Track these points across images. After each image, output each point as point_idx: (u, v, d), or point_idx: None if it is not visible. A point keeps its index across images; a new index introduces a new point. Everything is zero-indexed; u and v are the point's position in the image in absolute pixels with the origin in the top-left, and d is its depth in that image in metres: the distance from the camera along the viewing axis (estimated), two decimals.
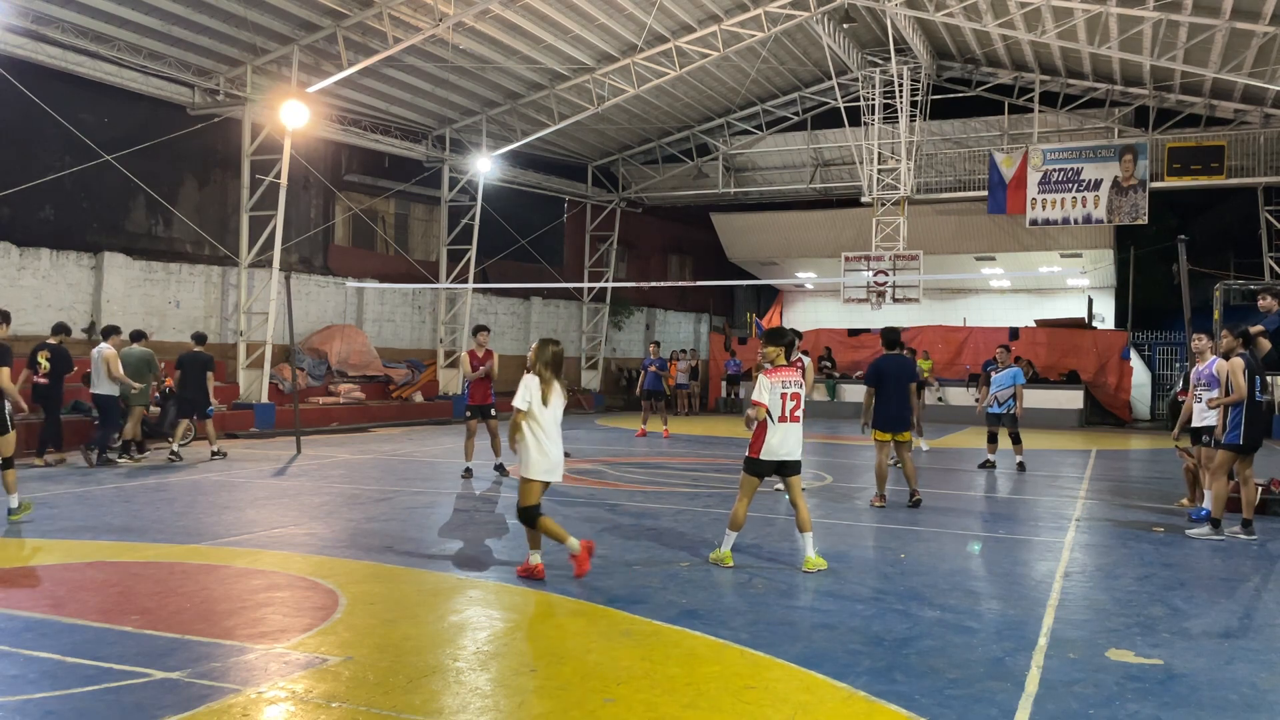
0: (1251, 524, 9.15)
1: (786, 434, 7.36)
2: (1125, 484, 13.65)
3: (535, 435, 6.97)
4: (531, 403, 6.91)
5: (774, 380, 7.36)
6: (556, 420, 7.09)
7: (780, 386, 7.34)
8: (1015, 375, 14.34)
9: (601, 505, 10.47)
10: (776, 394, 7.30)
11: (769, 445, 7.30)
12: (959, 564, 7.83)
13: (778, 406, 7.29)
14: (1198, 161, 24.02)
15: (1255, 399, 9.16)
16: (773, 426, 7.31)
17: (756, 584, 6.95)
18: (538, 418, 6.96)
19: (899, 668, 5.09)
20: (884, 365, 10.52)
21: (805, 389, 7.80)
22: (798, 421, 7.42)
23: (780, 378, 7.39)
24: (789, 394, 7.33)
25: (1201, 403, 9.73)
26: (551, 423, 7.03)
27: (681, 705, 4.52)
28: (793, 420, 7.38)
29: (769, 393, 7.30)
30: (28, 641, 5.33)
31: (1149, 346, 28.57)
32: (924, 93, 25.85)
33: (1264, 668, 5.24)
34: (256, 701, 4.51)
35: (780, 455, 7.35)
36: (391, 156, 24.15)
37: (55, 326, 13.84)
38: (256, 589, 6.61)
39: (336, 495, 10.97)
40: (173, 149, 18.93)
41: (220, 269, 20.54)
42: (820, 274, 32.61)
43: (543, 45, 20.96)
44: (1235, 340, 9.37)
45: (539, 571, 6.98)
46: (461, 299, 25.99)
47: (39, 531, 8.39)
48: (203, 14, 17.04)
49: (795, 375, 7.53)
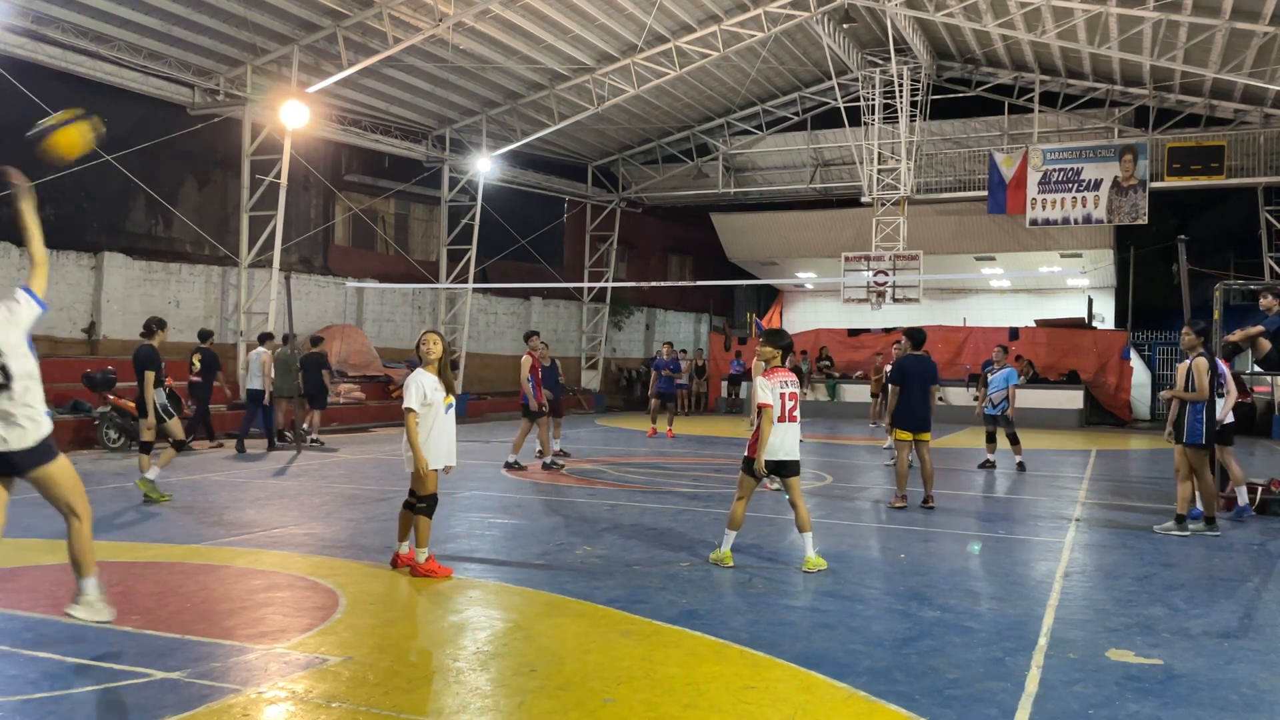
0: (1215, 521, 9.41)
1: (785, 434, 7.40)
2: (1125, 484, 13.66)
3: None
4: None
5: (774, 381, 7.40)
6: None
7: (779, 387, 7.39)
8: (1009, 376, 14.40)
9: (602, 505, 10.47)
10: (776, 394, 7.34)
11: (770, 445, 7.34)
12: (959, 564, 7.83)
13: (777, 406, 7.34)
14: (1198, 161, 24.02)
15: (1214, 398, 9.38)
16: (775, 426, 7.34)
17: (756, 584, 6.94)
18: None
19: (899, 668, 5.08)
20: (908, 364, 10.56)
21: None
22: (795, 421, 7.48)
23: (779, 378, 7.44)
24: (787, 394, 7.39)
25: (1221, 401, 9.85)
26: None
27: (681, 705, 4.52)
28: (790, 420, 7.43)
29: (771, 393, 7.33)
30: (28, 641, 5.33)
31: (1149, 346, 28.56)
32: (924, 93, 25.86)
33: (1264, 668, 5.24)
34: (256, 701, 4.51)
35: (780, 455, 7.39)
36: (391, 156, 24.16)
37: (202, 333, 15.85)
38: (256, 589, 6.61)
39: (336, 495, 10.97)
40: (173, 149, 18.94)
41: (220, 269, 20.55)
42: (820, 274, 32.61)
43: (543, 45, 20.96)
44: (1196, 339, 9.47)
45: (407, 560, 7.13)
46: (461, 299, 26.00)
47: (39, 532, 8.39)
48: (203, 14, 17.05)
49: (792, 376, 7.60)
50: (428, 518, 7.06)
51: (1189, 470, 9.29)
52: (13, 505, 5.29)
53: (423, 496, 7.03)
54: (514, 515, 9.40)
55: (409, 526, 7.12)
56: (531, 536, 8.55)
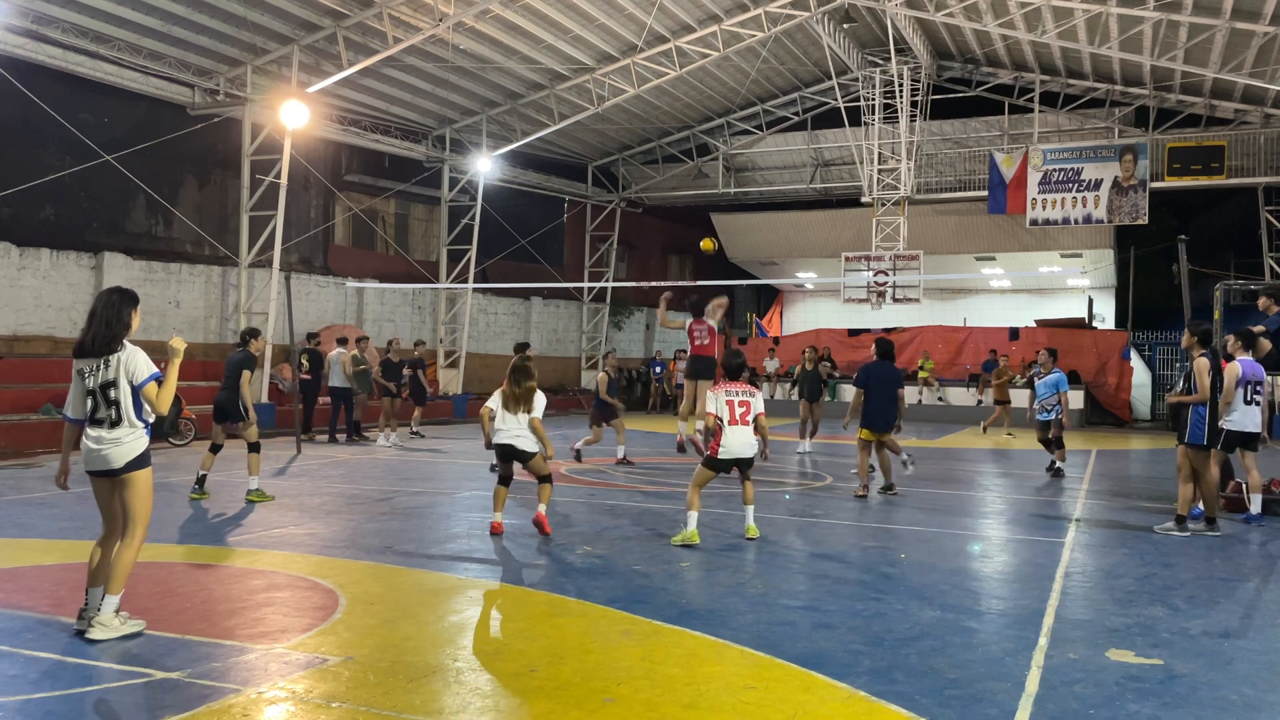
0: (1216, 521, 9.38)
1: (739, 436, 8.55)
2: (1125, 484, 13.65)
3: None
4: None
5: (718, 392, 8.63)
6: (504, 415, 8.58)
7: (725, 395, 8.59)
8: (1059, 382, 13.87)
9: (602, 505, 10.48)
10: (723, 402, 8.55)
11: (726, 445, 8.51)
12: (959, 564, 7.83)
13: (726, 412, 8.51)
14: (1198, 161, 24.03)
15: (1216, 399, 9.34)
16: (726, 430, 8.49)
17: (756, 584, 6.95)
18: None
19: (899, 668, 5.08)
20: (871, 370, 11.50)
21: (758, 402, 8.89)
22: (747, 425, 8.60)
23: (723, 389, 8.66)
24: (735, 402, 8.57)
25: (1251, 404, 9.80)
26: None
27: (681, 705, 4.51)
28: (742, 424, 8.57)
29: (715, 403, 8.58)
30: (28, 641, 5.33)
31: (1149, 346, 28.57)
32: (924, 93, 25.86)
33: (1264, 668, 5.24)
34: (256, 701, 4.51)
35: (735, 454, 8.55)
36: (391, 156, 24.16)
37: (308, 335, 18.28)
38: (256, 589, 6.61)
39: (336, 495, 10.97)
40: (173, 149, 18.94)
41: (220, 269, 20.55)
42: (820, 274, 32.63)
43: (543, 45, 20.97)
44: (1193, 339, 9.47)
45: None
46: (461, 299, 25.99)
47: (40, 531, 8.39)
48: (203, 14, 17.05)
49: (744, 387, 8.74)
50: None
51: (1190, 470, 9.28)
52: (13, 505, 5.28)
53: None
54: (514, 515, 9.39)
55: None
56: (532, 536, 8.55)
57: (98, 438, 5.46)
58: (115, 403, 5.47)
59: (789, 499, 11.36)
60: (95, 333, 5.51)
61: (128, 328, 5.60)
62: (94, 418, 5.48)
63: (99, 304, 5.60)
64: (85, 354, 5.51)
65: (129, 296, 5.70)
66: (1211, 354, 9.43)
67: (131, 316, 5.63)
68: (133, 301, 5.69)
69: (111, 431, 5.47)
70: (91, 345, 5.49)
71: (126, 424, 5.49)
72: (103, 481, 5.55)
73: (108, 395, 5.46)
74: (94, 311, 5.58)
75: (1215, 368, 9.37)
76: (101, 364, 5.47)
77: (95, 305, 5.61)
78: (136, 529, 5.54)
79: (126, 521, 5.54)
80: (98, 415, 5.48)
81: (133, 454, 5.49)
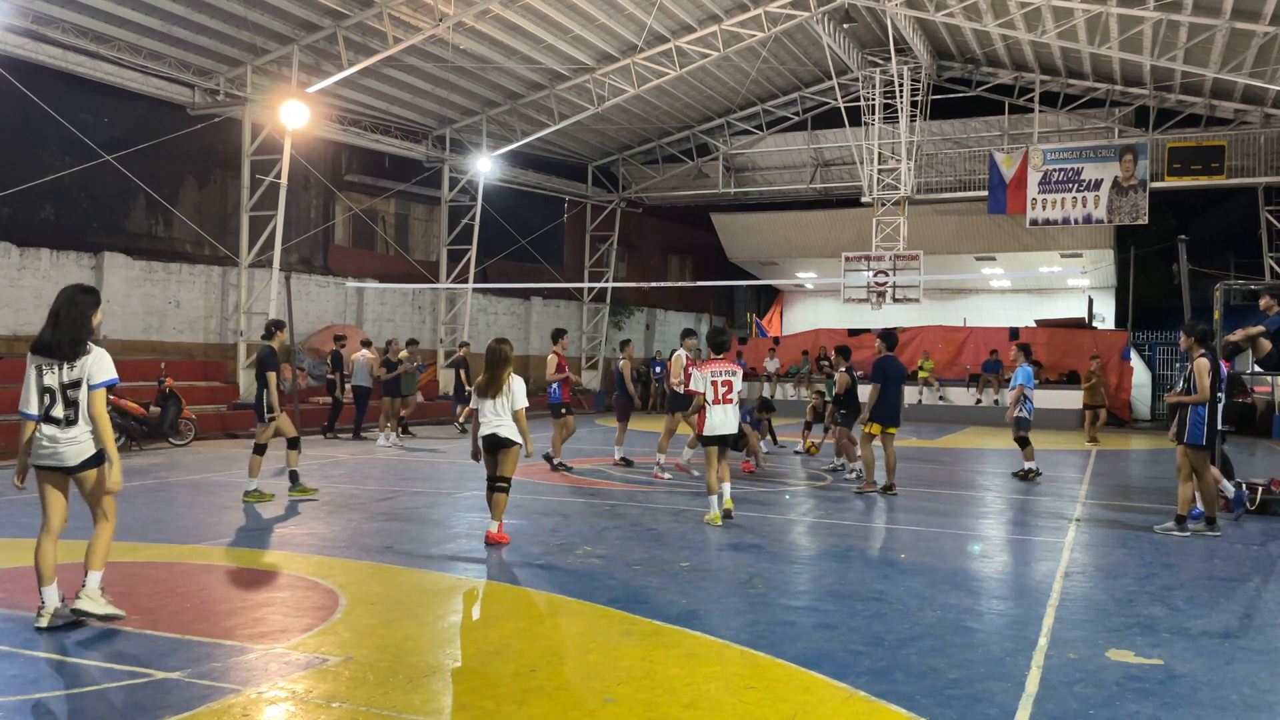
0: (1215, 521, 9.37)
1: (724, 413, 8.87)
2: (1125, 484, 13.65)
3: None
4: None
5: (704, 371, 8.88)
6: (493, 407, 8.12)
7: (710, 375, 8.86)
8: (1019, 376, 13.35)
9: (602, 505, 10.48)
10: (708, 381, 8.82)
11: (711, 423, 8.87)
12: (959, 564, 7.83)
13: (710, 391, 8.79)
14: (1198, 161, 24.01)
15: (1216, 399, 9.34)
16: (710, 409, 8.83)
17: (756, 584, 6.94)
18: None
19: (899, 668, 5.08)
20: (888, 365, 11.35)
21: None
22: (730, 403, 8.96)
23: (709, 369, 8.90)
24: (719, 381, 8.86)
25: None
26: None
27: (681, 705, 4.51)
28: (725, 402, 8.90)
29: (702, 381, 8.85)
30: (28, 641, 5.33)
31: (1149, 346, 28.56)
32: (924, 93, 25.85)
33: (1264, 668, 5.24)
34: (256, 701, 4.51)
35: (721, 430, 8.90)
36: (391, 156, 24.16)
37: (335, 337, 18.71)
38: (256, 589, 6.61)
39: (336, 495, 10.97)
40: (173, 149, 18.94)
41: (220, 269, 20.54)
42: (820, 274, 32.61)
43: (543, 45, 20.96)
44: (1190, 340, 9.49)
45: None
46: (461, 299, 25.99)
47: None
48: (203, 14, 17.04)
49: (730, 366, 9.07)
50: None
51: (1190, 471, 9.28)
52: (12, 505, 5.29)
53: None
54: (514, 515, 9.39)
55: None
56: (531, 536, 8.55)
57: (53, 436, 5.54)
58: (75, 403, 5.54)
59: (789, 499, 11.37)
60: (61, 336, 5.54)
61: (92, 331, 5.67)
62: (49, 415, 5.54)
63: (62, 305, 5.61)
64: (49, 354, 5.55)
65: (92, 298, 5.74)
66: (1211, 354, 9.46)
67: (94, 317, 5.70)
68: (95, 303, 5.75)
69: (67, 431, 5.54)
70: (58, 349, 5.54)
71: (83, 423, 5.56)
72: (55, 474, 5.65)
73: (68, 395, 5.53)
74: (57, 312, 5.60)
75: (1215, 368, 9.40)
76: (67, 365, 5.53)
77: (58, 305, 5.62)
78: (107, 509, 5.74)
79: (95, 507, 5.72)
80: (54, 413, 5.53)
81: (88, 453, 5.58)
